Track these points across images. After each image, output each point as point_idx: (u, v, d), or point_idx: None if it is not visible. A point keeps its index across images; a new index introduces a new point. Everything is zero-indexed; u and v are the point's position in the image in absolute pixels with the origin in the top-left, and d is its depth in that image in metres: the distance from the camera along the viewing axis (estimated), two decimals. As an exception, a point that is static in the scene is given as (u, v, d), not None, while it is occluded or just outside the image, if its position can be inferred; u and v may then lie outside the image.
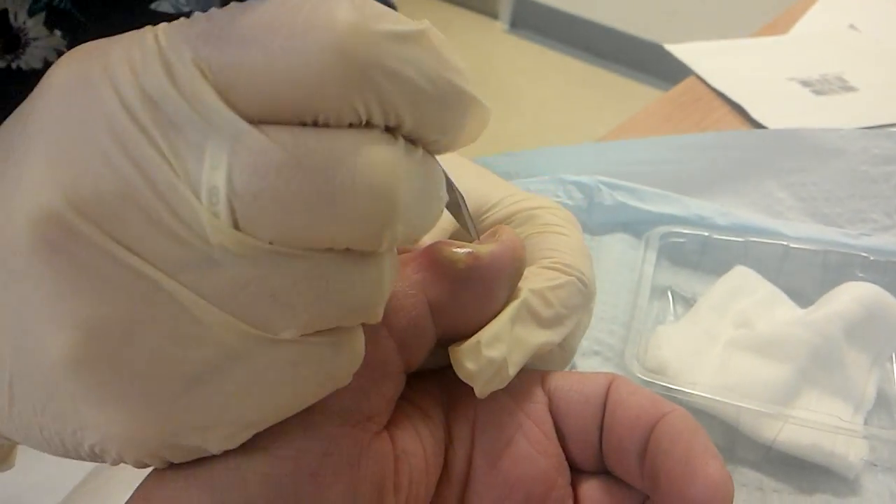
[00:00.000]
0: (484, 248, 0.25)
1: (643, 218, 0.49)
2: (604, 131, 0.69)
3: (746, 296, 0.43)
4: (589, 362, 0.41)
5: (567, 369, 0.30)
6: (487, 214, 0.33)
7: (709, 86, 0.74)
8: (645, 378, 0.37)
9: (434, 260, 0.25)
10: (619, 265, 0.47)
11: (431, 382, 0.26)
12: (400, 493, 0.23)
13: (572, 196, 0.51)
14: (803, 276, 0.45)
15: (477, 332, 0.25)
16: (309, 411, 0.21)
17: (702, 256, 0.46)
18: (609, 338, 0.44)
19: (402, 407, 0.25)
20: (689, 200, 0.49)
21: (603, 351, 0.43)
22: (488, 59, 2.72)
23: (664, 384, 0.36)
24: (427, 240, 0.28)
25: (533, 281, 0.28)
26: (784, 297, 0.44)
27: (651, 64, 2.53)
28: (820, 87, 0.74)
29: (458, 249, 0.25)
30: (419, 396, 0.26)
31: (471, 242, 0.26)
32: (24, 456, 0.35)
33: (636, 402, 0.24)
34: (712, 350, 0.40)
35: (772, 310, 0.42)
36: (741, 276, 0.44)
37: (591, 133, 2.29)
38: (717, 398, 0.35)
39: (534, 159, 0.54)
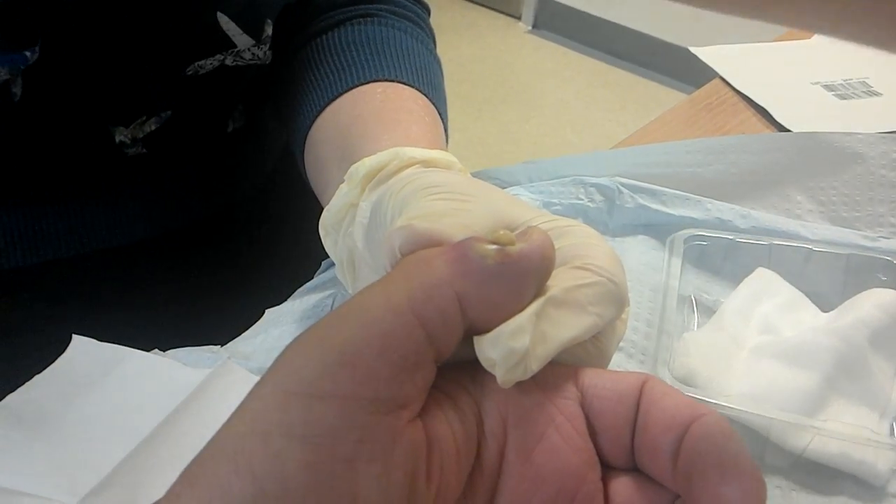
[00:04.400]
0: (514, 246, 0.26)
1: (664, 221, 0.50)
2: (624, 133, 0.69)
3: (769, 299, 0.44)
4: (614, 359, 0.42)
5: None
6: (518, 231, 0.33)
7: (733, 89, 0.74)
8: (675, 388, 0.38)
9: (464, 255, 0.26)
10: (640, 265, 0.48)
11: (463, 375, 0.27)
12: (431, 481, 0.24)
13: (593, 199, 0.52)
14: (825, 279, 0.45)
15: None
16: (344, 399, 0.22)
17: (724, 260, 0.47)
18: (633, 335, 0.45)
19: (434, 396, 0.26)
20: (710, 203, 0.50)
21: (626, 347, 0.44)
22: (510, 59, 2.73)
23: (695, 396, 0.37)
24: (458, 237, 0.29)
25: (561, 279, 0.28)
26: (806, 300, 0.45)
27: (672, 66, 2.52)
28: (844, 91, 0.75)
29: (489, 245, 0.26)
30: (451, 387, 0.27)
31: (501, 239, 0.27)
32: (61, 435, 0.37)
33: (671, 403, 0.25)
34: (739, 356, 0.41)
35: (795, 314, 0.43)
36: (763, 278, 0.45)
37: (611, 134, 2.29)
38: (749, 411, 0.36)
39: (553, 166, 0.55)
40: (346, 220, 0.41)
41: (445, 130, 0.54)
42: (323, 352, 0.23)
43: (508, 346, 0.25)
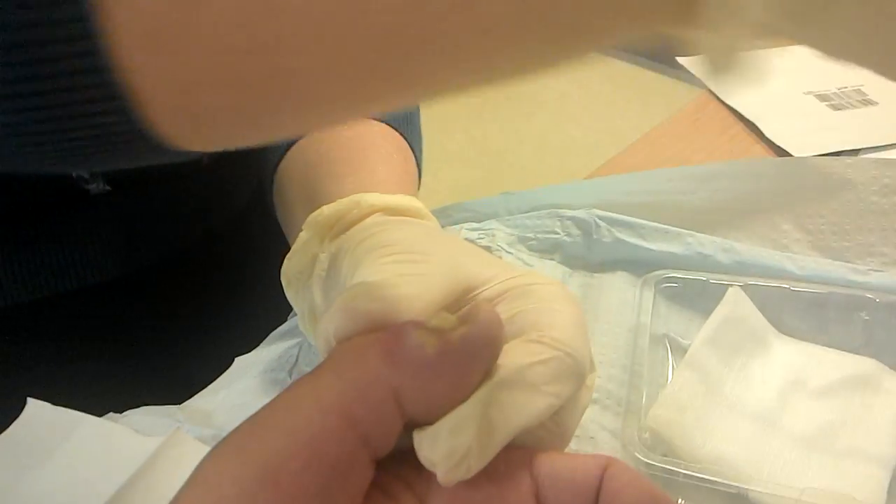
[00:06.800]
0: (456, 331, 0.25)
1: (643, 256, 0.48)
2: (629, 128, 0.68)
3: (739, 326, 0.42)
4: (586, 412, 0.40)
5: None
6: (479, 291, 0.31)
7: (722, 102, 0.72)
8: (652, 462, 0.36)
9: (400, 344, 0.24)
10: (618, 303, 0.47)
11: (407, 468, 0.26)
12: None
13: (570, 232, 0.50)
14: (805, 318, 0.43)
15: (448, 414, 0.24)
16: None
17: (698, 301, 0.45)
18: (608, 383, 0.42)
19: (371, 497, 0.24)
20: (690, 236, 0.48)
21: (601, 398, 0.42)
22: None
23: (666, 466, 0.35)
24: (418, 308, 0.28)
25: (512, 356, 0.27)
26: (772, 332, 0.43)
27: (673, 59, 2.48)
28: (838, 101, 0.72)
29: (428, 333, 0.24)
30: (392, 484, 0.25)
31: (442, 323, 0.25)
32: (63, 462, 0.35)
33: (632, 497, 0.23)
34: (715, 410, 0.39)
35: (766, 352, 0.41)
36: (734, 302, 0.43)
37: (616, 129, 2.26)
38: (726, 482, 0.34)
39: (532, 197, 0.54)
40: (306, 271, 0.40)
41: (419, 165, 0.52)
42: (242, 466, 0.22)
43: (448, 445, 0.24)
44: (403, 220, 0.38)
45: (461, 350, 0.24)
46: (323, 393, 0.23)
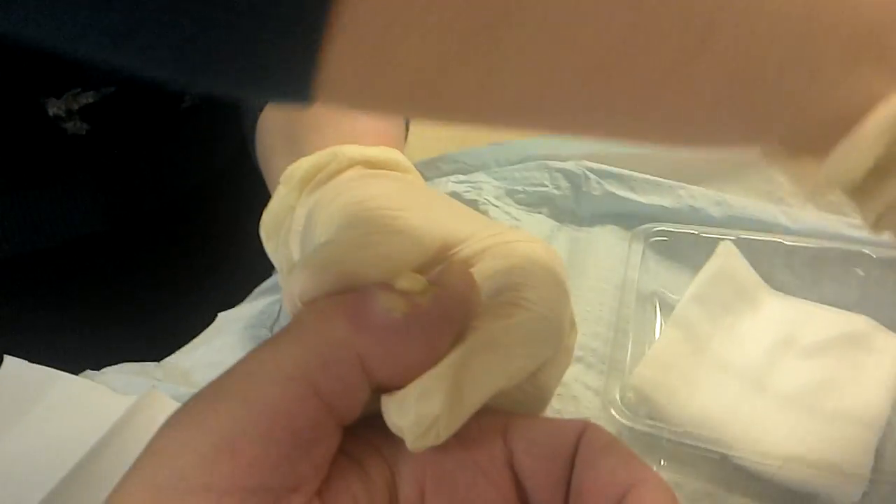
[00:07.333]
0: (425, 293, 0.24)
1: (633, 209, 0.47)
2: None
3: (728, 282, 0.41)
4: (570, 370, 0.40)
5: None
6: (458, 248, 0.30)
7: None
8: (634, 426, 0.35)
9: (366, 308, 0.23)
10: (608, 258, 0.45)
11: (376, 433, 0.25)
12: None
13: (559, 185, 0.49)
14: (798, 274, 0.42)
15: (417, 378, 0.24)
16: (221, 494, 0.20)
17: (690, 255, 0.44)
18: (592, 341, 0.42)
19: (339, 465, 0.23)
20: (682, 189, 0.47)
21: (585, 356, 0.41)
22: None
23: (648, 430, 0.35)
24: (371, 275, 0.27)
25: (487, 318, 0.26)
26: (764, 286, 0.42)
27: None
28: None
29: (396, 295, 0.23)
30: (361, 450, 0.24)
31: (411, 285, 0.24)
32: (37, 421, 0.35)
33: (608, 465, 0.22)
34: (701, 367, 0.38)
35: (757, 309, 0.40)
36: (725, 256, 0.42)
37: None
38: (710, 448, 0.34)
39: (522, 147, 0.52)
40: (285, 225, 0.39)
41: None
42: (198, 436, 0.21)
43: (416, 411, 0.23)
44: (381, 174, 0.37)
45: (430, 313, 0.23)
46: (284, 360, 0.22)
